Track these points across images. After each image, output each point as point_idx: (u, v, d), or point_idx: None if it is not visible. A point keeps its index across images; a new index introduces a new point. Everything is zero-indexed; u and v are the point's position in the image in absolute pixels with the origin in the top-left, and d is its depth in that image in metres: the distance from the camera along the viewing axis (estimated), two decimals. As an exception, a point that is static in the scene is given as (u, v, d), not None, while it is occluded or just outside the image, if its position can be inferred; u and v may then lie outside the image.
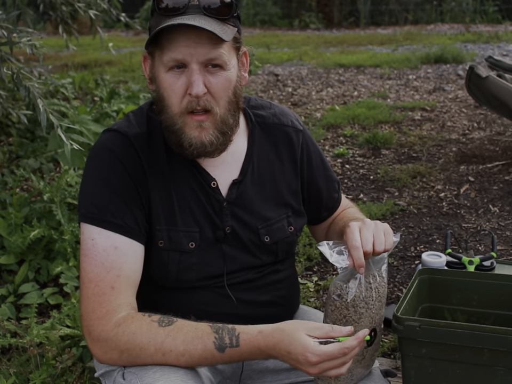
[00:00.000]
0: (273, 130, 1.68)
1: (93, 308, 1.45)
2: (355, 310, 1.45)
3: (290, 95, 6.84)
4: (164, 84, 1.48)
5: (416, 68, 7.92)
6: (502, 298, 1.68)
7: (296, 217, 1.69)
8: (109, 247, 1.48)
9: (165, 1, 1.44)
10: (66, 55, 9.94)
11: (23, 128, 4.71)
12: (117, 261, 1.47)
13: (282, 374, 1.68)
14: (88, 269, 1.48)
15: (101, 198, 1.51)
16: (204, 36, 1.42)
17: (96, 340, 1.44)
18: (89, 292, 1.47)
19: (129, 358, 1.42)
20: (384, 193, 4.03)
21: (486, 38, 10.07)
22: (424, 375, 1.52)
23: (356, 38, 11.36)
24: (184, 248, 1.56)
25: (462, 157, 4.58)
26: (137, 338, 1.40)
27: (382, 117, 5.62)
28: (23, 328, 2.40)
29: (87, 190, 1.55)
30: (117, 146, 1.54)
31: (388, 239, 1.45)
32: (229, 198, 1.60)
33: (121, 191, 1.51)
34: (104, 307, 1.44)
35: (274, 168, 1.67)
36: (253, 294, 1.63)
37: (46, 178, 3.33)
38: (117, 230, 1.49)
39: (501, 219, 3.56)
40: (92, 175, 1.55)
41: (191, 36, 1.42)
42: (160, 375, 1.41)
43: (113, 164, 1.53)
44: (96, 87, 6.23)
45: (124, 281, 1.47)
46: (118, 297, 1.45)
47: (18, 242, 2.88)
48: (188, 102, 1.47)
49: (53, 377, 2.12)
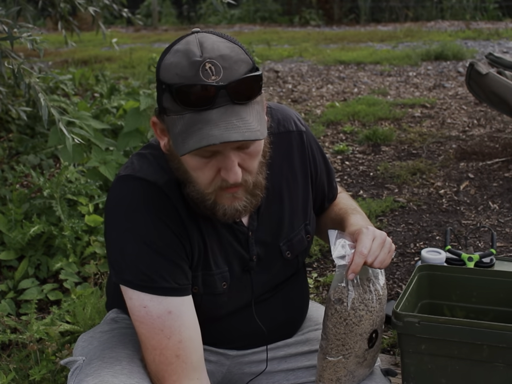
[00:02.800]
0: (281, 140, 1.58)
1: (163, 377, 1.42)
2: (355, 312, 1.44)
3: (291, 91, 6.83)
4: (190, 165, 1.35)
5: (416, 65, 7.92)
6: (501, 295, 1.68)
7: (311, 223, 1.68)
8: (163, 313, 1.40)
9: (187, 92, 1.25)
10: (66, 51, 9.93)
11: (23, 124, 4.71)
12: (174, 325, 1.40)
13: (279, 375, 1.67)
14: (148, 335, 1.41)
15: (149, 263, 1.39)
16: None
17: None
18: (156, 359, 1.42)
19: None
20: (384, 189, 4.03)
21: (486, 35, 10.06)
22: (423, 371, 1.52)
23: (356, 34, 11.34)
24: (218, 290, 1.51)
25: (462, 154, 4.58)
26: None
27: (382, 113, 5.62)
28: (23, 324, 2.40)
29: (128, 252, 1.41)
30: (150, 198, 1.41)
31: (388, 259, 1.46)
32: (252, 226, 1.54)
33: (168, 251, 1.40)
34: (173, 379, 1.42)
35: (288, 180, 1.60)
36: (277, 311, 1.64)
37: (46, 174, 3.33)
38: (170, 294, 1.41)
39: (501, 216, 3.56)
40: (129, 236, 1.40)
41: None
42: (94, 370, 1.43)
43: (153, 221, 1.40)
44: (96, 83, 6.22)
45: (186, 345, 1.41)
46: (185, 368, 1.41)
47: (18, 238, 2.88)
48: (220, 181, 1.34)
49: (52, 373, 2.13)
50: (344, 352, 1.47)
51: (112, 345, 1.52)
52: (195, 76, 1.24)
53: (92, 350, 1.55)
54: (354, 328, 1.45)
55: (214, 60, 1.25)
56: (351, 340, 1.47)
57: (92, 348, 1.56)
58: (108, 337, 1.57)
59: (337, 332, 1.45)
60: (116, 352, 1.49)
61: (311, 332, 1.73)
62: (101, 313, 2.34)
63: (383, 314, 1.54)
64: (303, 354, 1.68)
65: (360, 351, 1.50)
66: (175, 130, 1.28)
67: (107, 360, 1.45)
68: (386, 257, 1.45)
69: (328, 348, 1.48)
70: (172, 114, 1.29)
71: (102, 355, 1.49)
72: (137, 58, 8.57)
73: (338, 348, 1.47)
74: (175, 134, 1.29)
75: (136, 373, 1.43)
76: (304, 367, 1.67)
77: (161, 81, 1.30)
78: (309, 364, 1.65)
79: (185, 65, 1.26)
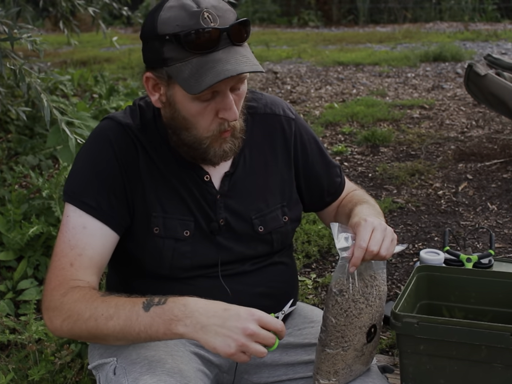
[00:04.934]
0: (265, 121, 1.69)
1: (50, 279, 1.51)
2: (355, 305, 1.45)
3: (289, 92, 6.84)
4: (191, 111, 1.47)
5: (415, 66, 7.93)
6: (500, 296, 1.69)
7: (291, 207, 1.70)
8: (78, 226, 1.51)
9: (195, 37, 1.37)
10: (65, 52, 9.94)
11: (21, 125, 4.71)
12: (82, 240, 1.50)
13: (280, 369, 1.68)
14: (57, 243, 1.53)
15: (82, 178, 1.55)
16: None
17: (46, 309, 1.49)
18: (51, 265, 1.52)
19: (68, 325, 1.44)
20: (383, 190, 4.03)
21: (484, 37, 10.08)
22: (422, 371, 1.53)
23: (354, 36, 11.36)
24: (178, 235, 1.57)
25: (461, 155, 4.58)
26: (77, 306, 1.43)
27: (381, 114, 5.63)
28: (21, 324, 2.40)
29: (74, 169, 1.58)
30: (112, 132, 1.56)
31: (392, 247, 1.47)
32: (222, 190, 1.61)
33: (104, 175, 1.53)
34: (59, 280, 1.48)
35: (267, 159, 1.68)
36: (248, 285, 1.63)
37: (45, 175, 3.34)
38: (89, 212, 1.51)
39: (499, 217, 3.57)
40: (82, 156, 1.58)
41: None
42: (147, 369, 1.42)
43: (104, 148, 1.54)
44: (95, 84, 6.22)
45: (84, 260, 1.50)
46: (74, 273, 1.49)
47: (17, 238, 2.88)
48: (218, 124, 1.48)
49: (51, 373, 2.13)
50: (343, 344, 1.48)
51: (141, 345, 1.50)
52: (197, 24, 1.37)
53: (115, 351, 1.54)
54: (354, 321, 1.46)
55: (210, 9, 1.40)
56: (350, 332, 1.47)
57: (114, 350, 1.54)
58: None
59: (337, 324, 1.46)
60: (154, 351, 1.49)
61: (307, 328, 1.73)
62: (100, 313, 2.34)
63: (382, 311, 1.54)
64: (303, 347, 1.69)
65: (358, 345, 1.50)
66: (183, 75, 1.40)
67: (152, 359, 1.45)
68: (390, 245, 1.46)
69: (328, 340, 1.48)
70: (175, 63, 1.41)
71: (141, 354, 1.48)
72: (136, 59, 8.56)
73: (338, 340, 1.47)
74: (183, 78, 1.40)
75: (186, 371, 1.45)
76: (303, 362, 1.67)
77: (161, 35, 1.40)
78: (308, 359, 1.66)
79: (185, 16, 1.39)
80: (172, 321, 1.34)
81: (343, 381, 1.54)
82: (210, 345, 1.32)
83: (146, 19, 1.46)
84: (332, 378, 1.52)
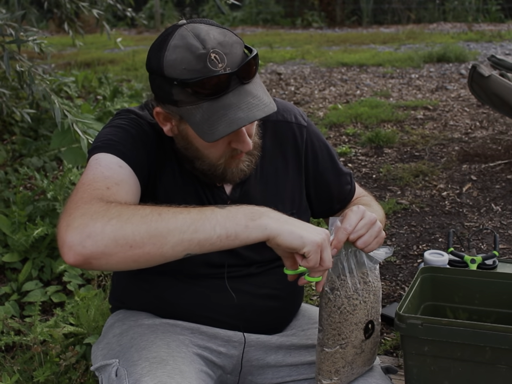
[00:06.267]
0: (276, 128, 1.67)
1: (81, 197, 1.30)
2: (349, 301, 1.46)
3: (293, 94, 6.84)
4: (203, 144, 1.45)
5: (418, 67, 7.92)
6: (504, 297, 1.69)
7: (300, 214, 1.69)
8: (113, 163, 1.42)
9: (203, 84, 1.34)
10: (69, 53, 9.95)
11: (26, 126, 4.73)
12: (118, 175, 1.40)
13: (283, 371, 1.68)
14: (88, 173, 1.39)
15: (115, 134, 1.48)
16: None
17: (80, 216, 1.23)
18: (77, 194, 1.32)
19: (116, 224, 1.21)
20: (387, 192, 4.03)
21: (488, 37, 10.07)
22: (426, 373, 1.53)
23: (358, 37, 11.35)
24: None
25: (465, 156, 4.58)
26: (130, 206, 1.28)
27: (385, 115, 5.62)
28: (26, 326, 2.41)
29: (101, 133, 1.51)
30: (139, 116, 1.55)
31: (374, 245, 1.44)
32: (233, 197, 1.61)
33: (138, 138, 1.49)
34: (95, 195, 1.30)
35: (278, 166, 1.67)
36: (253, 287, 1.63)
37: (50, 177, 3.35)
38: (125, 159, 1.44)
39: (503, 218, 3.56)
40: (111, 125, 1.53)
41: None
42: (147, 370, 1.41)
43: (134, 123, 1.52)
44: (99, 85, 6.24)
45: (121, 190, 1.37)
46: (111, 196, 1.32)
47: (22, 240, 2.89)
48: (231, 151, 1.47)
49: (56, 375, 2.13)
50: (340, 341, 1.48)
51: (143, 346, 1.51)
52: (204, 68, 1.34)
53: (118, 352, 1.54)
54: (349, 317, 1.47)
55: (216, 49, 1.35)
56: (346, 329, 1.48)
57: (117, 351, 1.54)
58: (128, 340, 1.56)
59: (332, 321, 1.47)
60: (156, 352, 1.48)
61: (311, 329, 1.74)
62: (104, 315, 2.34)
63: (378, 307, 1.55)
64: (306, 348, 1.69)
65: (356, 341, 1.51)
66: (195, 119, 1.37)
67: (153, 360, 1.44)
68: (371, 240, 1.43)
69: (325, 339, 1.49)
70: (186, 106, 1.38)
71: (142, 356, 1.47)
72: (140, 61, 8.58)
73: (335, 338, 1.48)
74: (196, 122, 1.37)
75: (187, 373, 1.44)
76: (307, 363, 1.67)
77: (169, 78, 1.36)
78: (311, 360, 1.66)
79: (192, 59, 1.34)
80: (254, 214, 1.29)
81: (345, 379, 1.55)
82: (296, 233, 1.28)
83: (150, 54, 1.42)
84: (333, 377, 1.52)
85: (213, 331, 1.61)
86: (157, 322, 1.61)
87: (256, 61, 1.42)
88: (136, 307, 1.70)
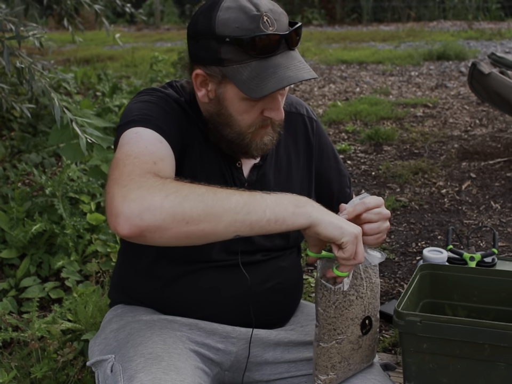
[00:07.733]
0: (290, 119, 1.70)
1: (132, 169, 1.31)
2: (344, 297, 1.46)
3: (293, 91, 6.83)
4: (238, 110, 1.48)
5: (418, 65, 7.92)
6: (503, 295, 1.68)
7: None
8: (154, 138, 1.43)
9: (257, 42, 1.39)
10: (69, 50, 9.94)
11: (25, 122, 4.72)
12: (162, 150, 1.42)
13: (282, 367, 1.68)
14: (130, 146, 1.39)
15: (150, 109, 1.49)
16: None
17: (136, 188, 1.25)
18: (126, 166, 1.33)
19: (175, 200, 1.23)
20: (386, 189, 4.03)
21: (488, 35, 10.06)
22: (425, 370, 1.52)
23: (358, 34, 11.35)
24: None
25: (464, 154, 4.58)
26: (186, 184, 1.29)
27: (384, 113, 5.62)
28: (24, 322, 2.41)
29: (133, 108, 1.51)
30: (165, 93, 1.56)
31: (374, 239, 1.46)
32: (250, 179, 1.63)
33: (171, 114, 1.51)
34: (145, 169, 1.31)
35: (291, 156, 1.71)
36: (261, 275, 1.63)
37: (48, 173, 3.33)
38: (163, 135, 1.45)
39: (503, 215, 3.56)
40: (141, 101, 1.53)
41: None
42: (142, 366, 1.40)
43: (163, 100, 1.53)
44: (98, 82, 6.23)
45: (166, 166, 1.39)
46: (159, 171, 1.33)
47: (20, 236, 2.88)
48: (262, 120, 1.50)
49: (54, 371, 2.13)
50: (336, 337, 1.48)
51: (139, 342, 1.50)
52: (257, 28, 1.39)
53: (115, 348, 1.53)
54: (345, 312, 1.47)
55: (268, 13, 1.42)
56: (342, 324, 1.47)
57: (113, 347, 1.54)
58: (125, 335, 1.56)
59: (327, 316, 1.46)
60: (151, 348, 1.47)
61: (309, 325, 1.73)
62: (102, 311, 2.34)
63: (376, 303, 1.54)
64: (305, 345, 1.69)
65: (353, 337, 1.50)
66: (241, 77, 1.41)
67: (149, 356, 1.44)
68: (376, 231, 1.45)
69: (321, 334, 1.49)
70: (233, 64, 1.42)
71: (138, 351, 1.47)
72: (139, 57, 8.58)
73: (330, 333, 1.48)
74: (242, 80, 1.41)
75: (182, 369, 1.43)
76: (305, 359, 1.67)
77: (220, 35, 1.40)
78: (309, 356, 1.66)
79: (245, 19, 1.40)
80: (299, 201, 1.33)
81: (342, 375, 1.54)
82: (337, 224, 1.32)
83: (197, 17, 1.45)
84: (329, 372, 1.51)
85: (211, 327, 1.60)
86: (155, 318, 1.61)
87: (300, 33, 1.48)
88: (140, 298, 1.68)
